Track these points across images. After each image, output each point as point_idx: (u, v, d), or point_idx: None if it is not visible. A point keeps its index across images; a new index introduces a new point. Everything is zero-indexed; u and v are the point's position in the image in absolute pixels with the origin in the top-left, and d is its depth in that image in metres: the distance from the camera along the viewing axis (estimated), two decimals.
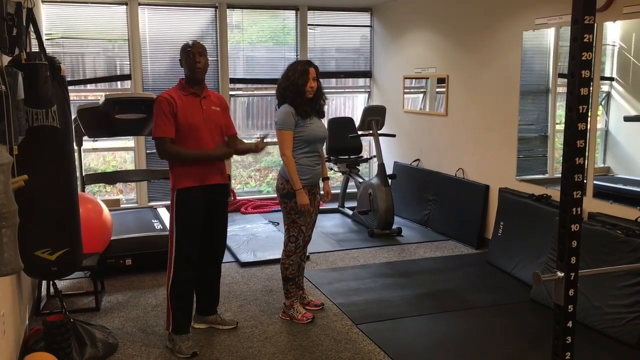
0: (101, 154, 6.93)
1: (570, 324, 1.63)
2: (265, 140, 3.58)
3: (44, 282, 4.15)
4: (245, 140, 3.91)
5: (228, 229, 3.71)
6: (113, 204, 6.26)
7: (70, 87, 3.50)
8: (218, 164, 3.48)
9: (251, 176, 7.71)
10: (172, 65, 6.66)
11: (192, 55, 3.35)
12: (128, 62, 6.59)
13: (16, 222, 2.06)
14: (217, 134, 3.47)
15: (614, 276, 3.57)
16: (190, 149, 3.34)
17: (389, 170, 6.62)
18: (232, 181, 7.19)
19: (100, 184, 6.59)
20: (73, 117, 4.27)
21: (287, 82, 3.68)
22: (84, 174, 5.23)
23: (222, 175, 3.51)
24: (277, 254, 4.63)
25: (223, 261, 3.76)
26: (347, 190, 6.93)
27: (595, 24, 1.51)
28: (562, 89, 4.77)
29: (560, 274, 1.60)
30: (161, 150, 3.34)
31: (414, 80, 6.76)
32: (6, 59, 2.91)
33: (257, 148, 3.56)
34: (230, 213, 6.69)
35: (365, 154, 7.23)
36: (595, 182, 4.22)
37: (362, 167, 7.13)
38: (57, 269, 3.22)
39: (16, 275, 3.25)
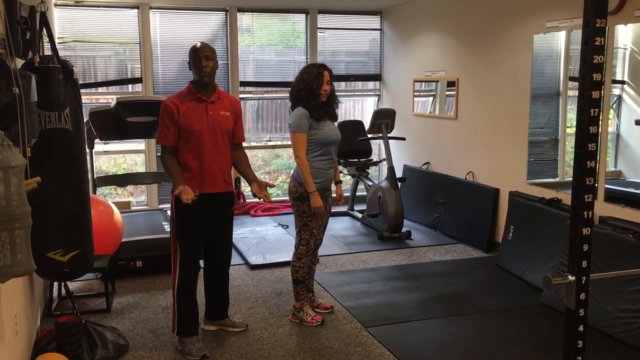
0: (112, 156, 6.98)
1: (581, 328, 1.62)
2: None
3: (55, 284, 4.19)
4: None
5: (237, 232, 3.72)
6: (124, 206, 6.30)
7: (82, 90, 3.52)
8: (222, 172, 3.45)
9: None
10: (183, 69, 6.69)
11: (199, 59, 3.33)
12: (139, 65, 6.63)
13: (29, 223, 2.08)
14: (222, 140, 3.44)
15: (625, 280, 3.54)
16: (191, 154, 3.37)
17: (399, 174, 6.61)
18: (242, 184, 7.20)
19: (112, 186, 6.63)
20: (85, 119, 4.30)
21: (302, 85, 3.69)
22: (95, 177, 5.26)
23: (225, 183, 3.49)
24: (287, 256, 4.64)
25: (232, 264, 3.76)
26: (357, 194, 6.93)
27: (607, 27, 1.51)
28: (573, 92, 4.75)
29: (571, 278, 1.60)
30: (161, 157, 3.46)
31: (423, 83, 6.75)
32: (20, 62, 2.94)
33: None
34: (239, 216, 6.77)
35: (374, 157, 7.23)
36: (606, 185, 4.19)
37: (372, 170, 7.12)
38: (69, 271, 3.24)
39: (28, 276, 3.27)
